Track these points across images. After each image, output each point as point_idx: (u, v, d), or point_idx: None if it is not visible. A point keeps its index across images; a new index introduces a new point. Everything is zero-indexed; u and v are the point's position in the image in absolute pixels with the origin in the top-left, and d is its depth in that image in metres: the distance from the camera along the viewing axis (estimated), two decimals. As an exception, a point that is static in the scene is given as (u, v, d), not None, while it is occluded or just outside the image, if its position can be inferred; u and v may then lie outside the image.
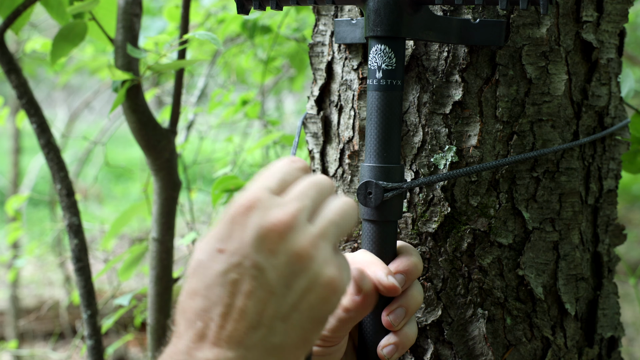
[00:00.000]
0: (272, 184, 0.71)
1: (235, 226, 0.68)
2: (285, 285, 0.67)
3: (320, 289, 0.68)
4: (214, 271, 0.67)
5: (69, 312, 3.76)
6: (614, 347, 1.05)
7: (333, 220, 0.71)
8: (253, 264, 0.66)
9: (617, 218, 1.05)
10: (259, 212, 0.68)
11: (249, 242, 0.67)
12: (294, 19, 2.13)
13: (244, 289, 0.66)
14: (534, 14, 0.93)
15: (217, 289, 0.67)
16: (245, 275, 0.66)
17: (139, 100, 1.35)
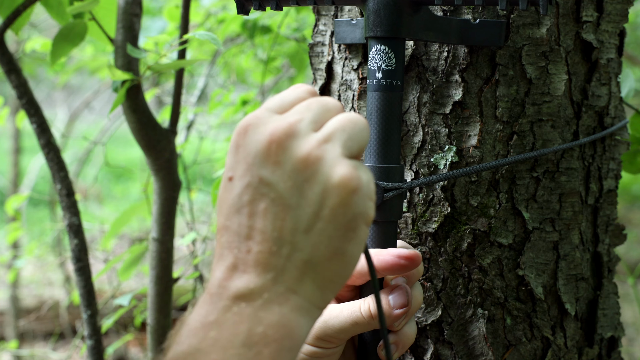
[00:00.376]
0: (273, 105, 0.69)
1: (239, 149, 0.66)
2: (298, 195, 0.64)
3: (336, 190, 0.64)
4: (228, 200, 0.65)
5: (69, 312, 3.76)
6: (614, 347, 1.05)
7: (339, 126, 0.67)
8: (260, 180, 0.64)
9: (617, 218, 1.05)
10: (258, 128, 0.66)
11: (251, 160, 0.65)
12: (294, 19, 2.13)
13: (259, 209, 0.64)
14: (534, 14, 0.93)
15: (235, 217, 0.65)
16: (256, 194, 0.64)
17: (139, 100, 1.35)
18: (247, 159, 0.65)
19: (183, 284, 3.16)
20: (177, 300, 2.85)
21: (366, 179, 0.66)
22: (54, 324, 3.97)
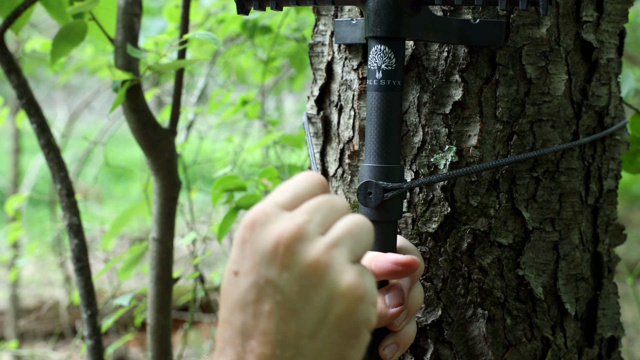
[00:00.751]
0: (282, 199, 0.68)
1: (245, 245, 0.65)
2: (304, 300, 0.63)
3: (343, 298, 0.64)
4: (233, 295, 0.65)
5: (69, 312, 3.76)
6: (614, 347, 1.05)
7: (347, 231, 0.67)
8: (267, 281, 0.63)
9: (617, 218, 1.05)
10: (265, 226, 0.65)
11: (258, 259, 0.64)
12: (294, 19, 2.13)
13: (264, 310, 0.63)
14: (534, 14, 0.93)
15: (239, 314, 0.64)
16: (262, 294, 0.63)
17: (139, 100, 1.35)
18: (253, 257, 0.64)
19: (183, 284, 3.16)
20: (177, 300, 2.86)
21: (370, 286, 0.66)
22: (54, 324, 3.97)
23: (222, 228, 1.52)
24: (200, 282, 1.90)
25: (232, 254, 0.66)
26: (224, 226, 1.52)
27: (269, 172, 1.58)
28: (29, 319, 3.80)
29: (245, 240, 0.65)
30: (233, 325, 0.64)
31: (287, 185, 0.69)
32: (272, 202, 0.67)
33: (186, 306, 3.71)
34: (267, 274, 0.63)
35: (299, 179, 0.69)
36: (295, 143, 1.85)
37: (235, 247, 0.66)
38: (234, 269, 0.65)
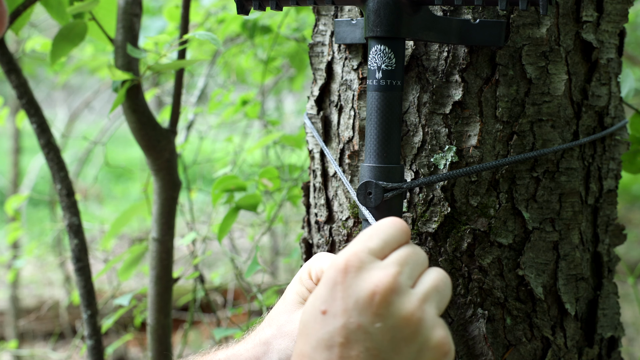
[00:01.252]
0: (373, 245, 0.70)
1: (337, 287, 0.67)
2: (393, 351, 0.65)
3: (432, 352, 0.67)
4: (319, 333, 0.66)
5: (69, 312, 3.76)
6: (614, 347, 1.05)
7: (434, 285, 0.70)
8: (358, 327, 0.65)
9: (617, 218, 1.05)
10: (360, 273, 0.67)
11: (352, 304, 0.66)
12: (294, 19, 2.13)
13: (351, 354, 0.65)
14: (534, 14, 0.93)
15: (324, 352, 0.66)
16: (351, 339, 0.65)
17: (139, 100, 1.35)
18: (346, 301, 0.66)
19: (183, 284, 3.16)
20: (177, 300, 2.85)
21: (451, 339, 0.69)
22: (54, 324, 3.97)
23: (222, 228, 1.52)
24: (200, 282, 1.90)
25: (319, 291, 0.68)
26: (224, 226, 1.51)
27: (269, 172, 1.58)
28: (29, 319, 3.80)
29: (337, 283, 0.67)
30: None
31: (377, 231, 0.71)
32: (364, 247, 0.69)
33: (186, 306, 3.71)
34: (359, 320, 0.66)
35: (387, 225, 0.72)
36: (295, 143, 1.85)
37: (324, 285, 0.68)
38: (322, 308, 0.67)
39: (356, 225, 1.02)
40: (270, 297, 1.85)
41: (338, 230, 1.04)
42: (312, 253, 1.10)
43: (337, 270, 0.68)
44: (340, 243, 1.04)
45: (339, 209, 1.04)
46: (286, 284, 1.73)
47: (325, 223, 1.06)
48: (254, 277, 2.56)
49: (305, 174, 1.83)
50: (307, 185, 1.13)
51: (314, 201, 1.10)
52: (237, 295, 3.36)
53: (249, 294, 1.74)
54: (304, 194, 1.13)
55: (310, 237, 1.11)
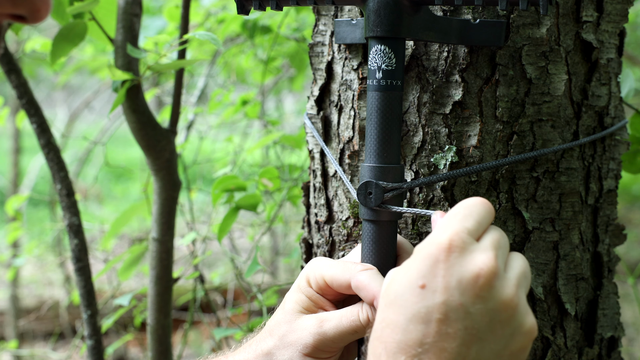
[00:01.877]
0: (470, 226, 0.73)
1: (439, 264, 0.69)
2: (489, 332, 0.68)
3: (522, 337, 0.70)
4: (416, 306, 0.69)
5: (69, 312, 3.76)
6: (614, 347, 1.05)
7: (523, 272, 0.73)
8: (459, 306, 0.68)
9: (617, 218, 1.05)
10: (463, 254, 0.70)
11: (454, 283, 0.68)
12: (294, 19, 2.13)
13: (449, 331, 0.68)
14: (534, 14, 0.93)
15: (418, 325, 0.68)
16: (450, 316, 0.68)
17: (139, 100, 1.35)
18: (448, 279, 0.69)
19: (183, 284, 3.16)
20: (177, 300, 2.85)
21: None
22: (54, 324, 3.97)
23: (222, 228, 1.52)
24: (200, 282, 1.90)
25: (416, 265, 0.71)
26: (224, 226, 1.51)
27: (269, 172, 1.58)
28: (28, 319, 3.80)
29: (439, 260, 0.70)
30: (410, 335, 0.68)
31: (471, 211, 0.74)
32: (463, 228, 0.72)
33: (186, 306, 3.71)
34: (461, 299, 0.69)
35: (479, 205, 0.75)
36: (295, 143, 1.85)
37: (422, 261, 0.70)
38: (421, 282, 0.70)
39: (356, 225, 1.02)
40: (270, 297, 1.85)
41: (338, 230, 1.04)
42: (312, 253, 1.10)
43: (441, 248, 0.70)
44: (340, 243, 1.04)
45: (339, 209, 1.04)
46: (286, 284, 1.73)
47: (325, 223, 1.06)
48: (254, 277, 2.56)
49: (305, 174, 1.83)
50: (307, 185, 1.13)
51: (314, 201, 1.10)
52: (237, 295, 3.36)
53: (249, 294, 1.74)
54: (304, 194, 1.13)
55: (310, 237, 1.11)
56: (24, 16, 0.59)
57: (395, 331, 0.69)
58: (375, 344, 0.71)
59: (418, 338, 0.68)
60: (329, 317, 0.85)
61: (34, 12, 0.59)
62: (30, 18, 0.60)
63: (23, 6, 0.59)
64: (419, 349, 0.68)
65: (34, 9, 0.59)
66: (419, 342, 0.68)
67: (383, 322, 0.71)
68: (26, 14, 0.59)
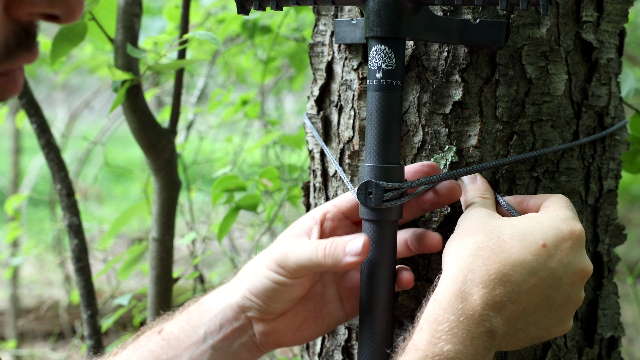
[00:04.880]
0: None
1: (565, 242, 0.82)
2: (552, 311, 0.83)
3: (559, 330, 0.86)
4: (528, 258, 0.80)
5: (68, 312, 3.76)
6: (614, 347, 1.05)
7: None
8: (558, 280, 0.81)
9: (617, 218, 1.05)
10: (581, 249, 0.84)
11: (566, 262, 0.82)
12: (294, 19, 2.13)
13: (540, 292, 0.81)
14: (534, 14, 0.93)
15: (523, 271, 0.80)
16: (547, 281, 0.81)
17: (139, 100, 1.35)
18: (563, 256, 0.82)
19: (183, 284, 3.15)
20: (177, 300, 2.85)
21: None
22: (54, 324, 3.97)
23: (221, 228, 1.52)
24: (200, 282, 1.90)
25: (544, 228, 0.82)
26: (224, 226, 1.51)
27: (269, 172, 1.59)
28: (28, 319, 3.80)
29: (565, 239, 0.82)
30: (514, 276, 0.79)
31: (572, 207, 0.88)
32: (582, 229, 0.84)
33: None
34: (562, 277, 0.82)
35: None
36: (295, 143, 1.85)
37: (552, 230, 0.82)
38: (542, 242, 0.81)
39: (356, 225, 1.02)
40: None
41: (338, 230, 1.04)
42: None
43: (576, 233, 0.82)
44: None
45: (339, 209, 1.04)
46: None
47: (325, 223, 1.06)
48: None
49: (305, 174, 1.83)
50: (307, 185, 1.13)
51: (314, 201, 1.10)
52: (236, 295, 3.35)
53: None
54: (304, 194, 1.13)
55: (310, 237, 1.11)
56: (57, 16, 0.59)
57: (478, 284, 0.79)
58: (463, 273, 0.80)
59: (499, 300, 0.78)
60: (296, 241, 0.92)
61: (69, 13, 0.59)
62: (65, 18, 0.59)
63: (60, 6, 0.59)
64: (497, 310, 0.78)
65: (70, 9, 0.59)
66: (499, 304, 0.78)
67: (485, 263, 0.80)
68: (61, 14, 0.59)
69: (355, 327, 1.03)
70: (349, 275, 0.96)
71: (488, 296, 0.78)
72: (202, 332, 0.91)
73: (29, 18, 0.58)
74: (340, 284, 0.95)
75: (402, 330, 0.97)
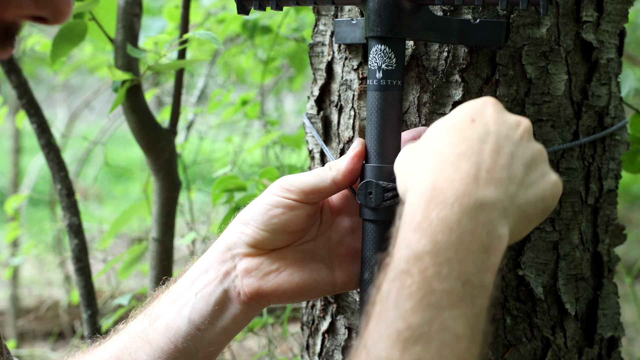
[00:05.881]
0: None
1: (487, 106, 0.80)
2: (529, 167, 0.76)
3: (548, 184, 0.77)
4: (473, 133, 0.76)
5: (68, 312, 3.76)
6: (614, 347, 1.05)
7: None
8: (507, 136, 0.77)
9: (617, 218, 1.05)
10: (503, 110, 0.80)
11: (501, 121, 0.78)
12: (294, 19, 2.13)
13: (502, 152, 0.75)
14: (534, 14, 0.93)
15: (477, 145, 0.75)
16: (500, 143, 0.76)
17: (139, 100, 1.35)
18: (496, 117, 0.79)
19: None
20: (177, 300, 2.85)
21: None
22: (54, 324, 3.97)
23: (221, 228, 1.51)
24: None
25: (465, 107, 0.79)
26: (224, 226, 1.51)
27: (269, 172, 1.58)
28: (28, 319, 3.80)
29: (488, 104, 0.79)
30: (470, 150, 0.75)
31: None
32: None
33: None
34: (508, 132, 0.77)
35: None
36: (295, 143, 1.85)
37: (471, 104, 0.79)
38: (471, 117, 0.78)
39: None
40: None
41: (338, 230, 1.04)
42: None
43: (488, 99, 0.80)
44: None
45: (339, 209, 1.04)
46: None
47: (325, 223, 1.06)
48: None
49: (305, 174, 1.83)
50: (307, 185, 1.12)
51: (314, 201, 1.10)
52: (236, 295, 3.35)
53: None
54: (304, 194, 1.13)
55: (310, 237, 1.11)
56: (45, 17, 0.59)
57: (455, 149, 0.75)
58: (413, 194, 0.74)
59: (476, 154, 0.74)
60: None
61: (56, 14, 0.59)
62: (52, 19, 0.59)
63: (46, 8, 0.58)
64: (478, 161, 0.74)
65: (57, 10, 0.59)
66: (477, 158, 0.74)
67: (433, 152, 0.76)
68: (48, 15, 0.59)
69: (355, 327, 1.03)
70: (344, 241, 0.93)
71: (460, 175, 0.74)
72: (189, 281, 0.92)
73: (14, 19, 0.58)
74: (334, 249, 0.93)
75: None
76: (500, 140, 0.76)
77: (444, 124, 0.79)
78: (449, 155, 0.75)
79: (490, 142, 0.76)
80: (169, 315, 0.90)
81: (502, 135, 0.77)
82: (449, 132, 0.78)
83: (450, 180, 0.73)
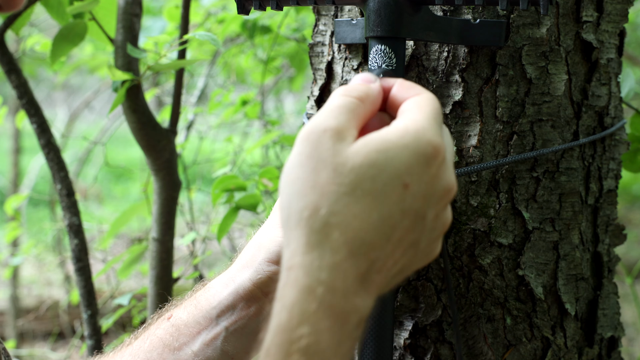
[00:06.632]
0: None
1: (430, 168, 0.70)
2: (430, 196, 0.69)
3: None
4: (395, 207, 0.67)
5: (68, 312, 3.76)
6: (614, 347, 1.05)
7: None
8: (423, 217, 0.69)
9: (617, 218, 1.05)
10: (445, 165, 0.71)
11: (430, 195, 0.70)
12: (294, 19, 2.13)
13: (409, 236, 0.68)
14: (534, 14, 0.93)
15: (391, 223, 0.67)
16: (416, 224, 0.69)
17: (139, 100, 1.35)
18: (431, 190, 0.70)
19: (183, 283, 3.15)
20: (177, 300, 2.85)
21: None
22: (54, 324, 3.97)
23: (221, 228, 1.52)
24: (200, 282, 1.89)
25: (405, 159, 0.67)
26: (224, 226, 1.52)
27: (269, 172, 1.59)
28: (28, 319, 3.80)
29: (431, 165, 0.69)
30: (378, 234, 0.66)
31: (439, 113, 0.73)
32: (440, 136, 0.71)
33: (186, 306, 3.70)
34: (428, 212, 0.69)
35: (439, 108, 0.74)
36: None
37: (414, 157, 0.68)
38: (406, 181, 0.67)
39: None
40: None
41: (338, 230, 1.04)
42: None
43: (434, 153, 0.68)
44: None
45: (339, 209, 1.04)
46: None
47: (325, 223, 1.06)
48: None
49: (305, 174, 1.82)
50: (307, 185, 1.12)
51: (314, 201, 1.10)
52: (236, 295, 3.35)
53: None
54: (304, 193, 1.13)
55: (310, 237, 1.10)
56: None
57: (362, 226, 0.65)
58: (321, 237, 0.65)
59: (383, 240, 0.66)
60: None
61: (8, 1, 0.59)
62: (5, 7, 0.60)
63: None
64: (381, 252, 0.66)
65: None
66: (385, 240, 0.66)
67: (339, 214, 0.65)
68: (2, 2, 0.59)
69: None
70: None
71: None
72: (213, 315, 0.89)
73: None
74: None
75: (402, 330, 0.97)
76: (418, 223, 0.68)
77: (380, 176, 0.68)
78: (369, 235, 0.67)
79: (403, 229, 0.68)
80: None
81: (421, 215, 0.69)
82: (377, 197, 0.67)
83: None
